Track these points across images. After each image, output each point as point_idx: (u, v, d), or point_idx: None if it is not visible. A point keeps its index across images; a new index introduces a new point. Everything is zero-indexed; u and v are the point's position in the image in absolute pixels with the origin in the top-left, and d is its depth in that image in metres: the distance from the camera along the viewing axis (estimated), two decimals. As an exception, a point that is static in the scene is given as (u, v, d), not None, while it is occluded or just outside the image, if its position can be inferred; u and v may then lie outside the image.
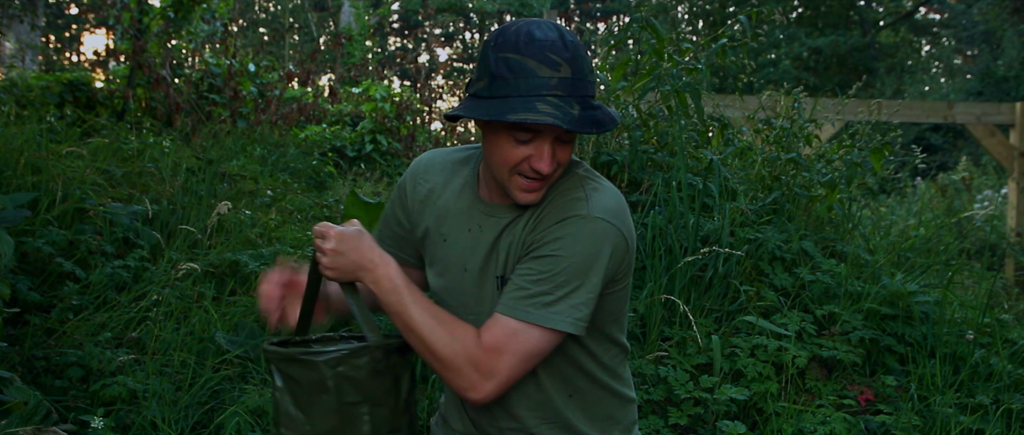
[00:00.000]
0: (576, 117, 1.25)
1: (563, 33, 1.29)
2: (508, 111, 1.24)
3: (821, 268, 2.97)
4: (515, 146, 1.30)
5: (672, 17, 18.83)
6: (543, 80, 1.25)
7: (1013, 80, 14.25)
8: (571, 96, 1.26)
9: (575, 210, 1.34)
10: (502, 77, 1.27)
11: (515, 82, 1.26)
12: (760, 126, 3.79)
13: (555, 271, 1.32)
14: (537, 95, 1.25)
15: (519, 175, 1.32)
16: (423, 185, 1.50)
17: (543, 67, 1.25)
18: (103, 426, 2.10)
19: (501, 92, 1.27)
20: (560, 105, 1.24)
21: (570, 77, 1.26)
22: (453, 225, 1.45)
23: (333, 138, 8.20)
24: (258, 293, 1.46)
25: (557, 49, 1.26)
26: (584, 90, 1.27)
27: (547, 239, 1.33)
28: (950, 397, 2.48)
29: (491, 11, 24.34)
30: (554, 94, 1.25)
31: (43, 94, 6.40)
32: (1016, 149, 6.42)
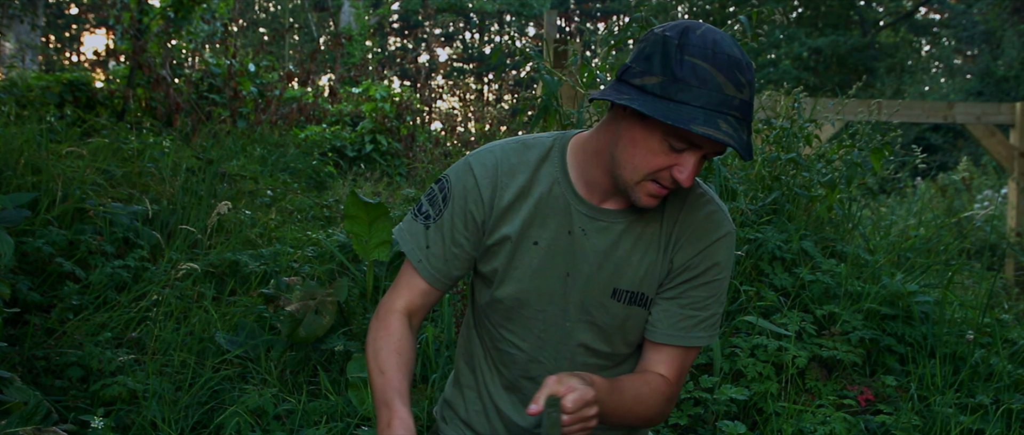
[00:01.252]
0: (746, 141, 1.23)
1: (744, 53, 1.26)
2: (691, 121, 1.19)
3: (821, 268, 2.97)
4: (665, 153, 1.25)
5: (672, 17, 18.83)
6: (728, 98, 1.21)
7: (1013, 80, 14.25)
8: (745, 119, 1.23)
9: (725, 226, 1.37)
10: (686, 82, 1.21)
11: (699, 91, 1.20)
12: (760, 126, 3.79)
13: (721, 292, 1.38)
14: (720, 112, 1.20)
15: (654, 181, 1.28)
16: (508, 189, 1.38)
17: (730, 85, 1.21)
18: (103, 426, 2.10)
19: (681, 97, 1.21)
20: (738, 128, 1.21)
21: (748, 101, 1.24)
22: (547, 228, 1.38)
23: (333, 138, 8.20)
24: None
25: (744, 70, 1.23)
26: (749, 114, 1.25)
27: (713, 262, 1.35)
28: (950, 397, 2.48)
29: (491, 11, 24.35)
30: (734, 115, 1.21)
31: (43, 94, 6.40)
32: (1016, 149, 6.42)
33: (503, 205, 1.38)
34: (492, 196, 1.38)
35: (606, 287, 1.38)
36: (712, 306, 1.38)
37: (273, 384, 2.58)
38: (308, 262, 3.50)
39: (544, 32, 4.41)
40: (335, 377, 2.63)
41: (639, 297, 1.39)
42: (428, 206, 1.40)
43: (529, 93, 6.94)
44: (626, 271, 1.37)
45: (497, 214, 1.38)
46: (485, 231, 1.40)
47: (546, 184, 1.37)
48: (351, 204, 2.91)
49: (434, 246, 1.40)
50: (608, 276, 1.37)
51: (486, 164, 1.39)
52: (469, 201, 1.38)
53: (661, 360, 1.39)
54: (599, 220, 1.36)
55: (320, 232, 4.06)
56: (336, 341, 2.68)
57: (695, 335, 1.37)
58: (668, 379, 1.38)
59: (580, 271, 1.37)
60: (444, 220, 1.39)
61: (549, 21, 4.41)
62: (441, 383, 2.47)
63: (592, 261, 1.37)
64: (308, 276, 3.27)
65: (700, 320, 1.37)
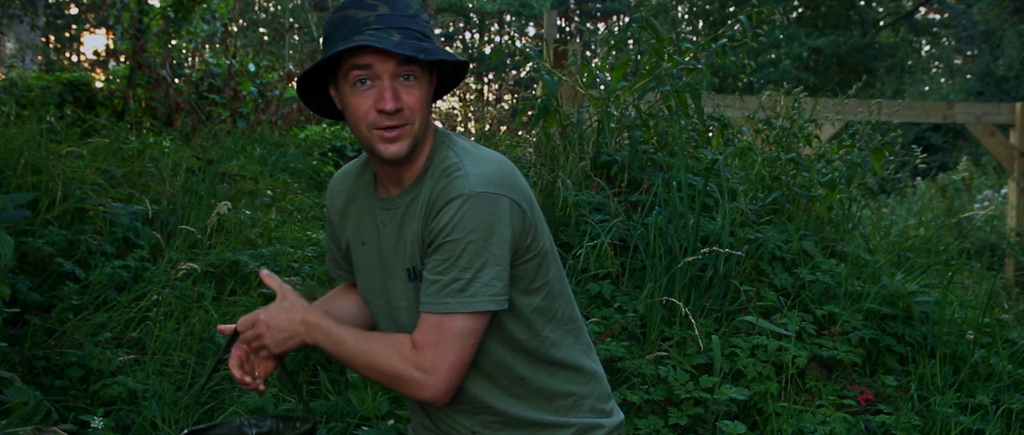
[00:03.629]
0: (395, 42, 1.28)
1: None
2: (328, 53, 1.30)
3: (821, 268, 2.97)
4: (359, 96, 1.32)
5: (672, 17, 18.82)
6: (358, 21, 1.30)
7: (1013, 80, 14.25)
8: (389, 28, 1.30)
9: (457, 190, 1.32)
10: (328, 35, 1.33)
11: (335, 32, 1.32)
12: (760, 126, 3.79)
13: (456, 255, 1.30)
14: (357, 32, 1.29)
15: (373, 127, 1.34)
16: (337, 199, 1.54)
17: (360, 11, 1.31)
18: (103, 426, 2.10)
19: (329, 46, 1.32)
20: (377, 33, 1.28)
21: (388, 13, 1.31)
22: (365, 228, 1.48)
23: (333, 138, 8.20)
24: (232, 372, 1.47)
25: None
26: (405, 24, 1.31)
27: (440, 225, 1.32)
28: (950, 397, 2.48)
29: (491, 11, 24.35)
30: (371, 28, 1.29)
31: (43, 94, 6.40)
32: (1016, 149, 6.41)
33: (338, 211, 1.54)
34: (331, 205, 1.56)
35: (401, 270, 1.43)
36: (451, 271, 1.31)
37: (273, 384, 2.58)
38: (308, 262, 3.50)
39: (544, 32, 4.41)
40: (335, 377, 2.63)
41: (415, 272, 1.40)
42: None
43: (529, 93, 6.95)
44: (409, 250, 1.40)
45: (337, 220, 1.55)
46: (339, 238, 1.56)
47: (363, 190, 1.50)
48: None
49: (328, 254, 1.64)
50: (402, 259, 1.42)
51: (334, 178, 1.58)
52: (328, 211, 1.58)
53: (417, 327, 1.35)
54: (388, 208, 1.43)
55: (320, 232, 4.06)
56: (336, 341, 2.68)
57: (439, 301, 1.31)
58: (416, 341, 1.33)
59: (387, 261, 1.44)
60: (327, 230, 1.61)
61: (549, 21, 4.41)
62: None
63: (391, 248, 1.43)
64: (308, 276, 3.27)
65: (442, 284, 1.31)
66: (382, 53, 1.29)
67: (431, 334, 1.32)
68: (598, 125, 3.48)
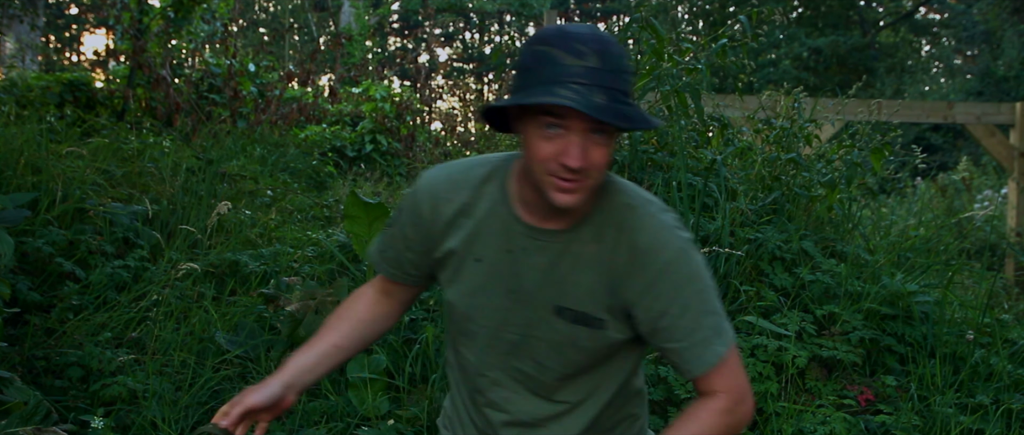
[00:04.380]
0: (598, 104, 1.19)
1: (598, 30, 1.25)
2: (526, 96, 1.21)
3: (821, 268, 2.97)
4: (545, 140, 1.25)
5: (672, 17, 18.83)
6: (566, 67, 1.21)
7: (1013, 80, 14.25)
8: (595, 84, 1.21)
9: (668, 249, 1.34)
10: (528, 67, 1.25)
11: (539, 70, 1.23)
12: (760, 126, 3.79)
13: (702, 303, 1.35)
14: (558, 81, 1.21)
15: (552, 175, 1.27)
16: (448, 205, 1.43)
17: (568, 56, 1.21)
18: (103, 426, 2.10)
19: (526, 83, 1.24)
20: (581, 90, 1.20)
21: (597, 67, 1.21)
22: (488, 246, 1.40)
23: (333, 138, 8.21)
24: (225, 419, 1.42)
25: (585, 40, 1.22)
26: (612, 82, 1.22)
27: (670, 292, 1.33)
28: (950, 397, 2.48)
29: (491, 11, 24.36)
30: (577, 82, 1.20)
31: (43, 94, 6.40)
32: (1016, 149, 6.41)
33: (444, 220, 1.43)
34: (432, 211, 1.44)
35: (549, 304, 1.39)
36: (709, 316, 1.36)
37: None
38: (308, 262, 3.50)
39: (544, 32, 4.41)
40: (335, 377, 2.63)
41: (583, 317, 1.39)
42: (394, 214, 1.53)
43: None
44: (569, 290, 1.37)
45: (439, 228, 1.44)
46: (429, 244, 1.46)
47: (488, 203, 1.40)
48: (351, 204, 2.91)
49: (388, 250, 1.52)
50: (551, 294, 1.38)
51: (437, 180, 1.45)
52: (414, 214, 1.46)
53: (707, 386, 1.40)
54: (537, 239, 1.37)
55: (320, 232, 4.06)
56: (336, 341, 2.68)
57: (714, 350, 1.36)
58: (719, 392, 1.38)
59: (523, 288, 1.39)
60: (395, 229, 1.50)
61: (549, 21, 4.41)
62: (441, 383, 2.47)
63: (533, 279, 1.38)
64: (308, 276, 3.27)
65: (706, 336, 1.36)
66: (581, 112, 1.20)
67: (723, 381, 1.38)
68: (598, 125, 3.47)
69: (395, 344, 2.65)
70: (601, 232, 1.36)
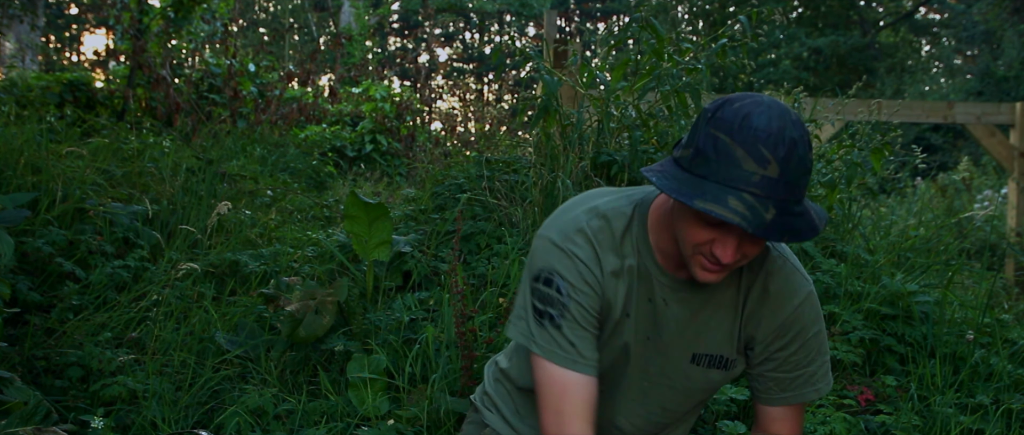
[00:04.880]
0: (767, 222, 1.14)
1: (787, 125, 1.16)
2: (698, 196, 1.15)
3: (821, 268, 2.97)
4: (702, 227, 1.22)
5: (672, 17, 18.82)
6: (745, 173, 1.15)
7: (1013, 80, 14.25)
8: (769, 198, 1.15)
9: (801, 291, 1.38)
10: (705, 155, 1.18)
11: (717, 166, 1.16)
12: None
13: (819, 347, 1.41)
14: (733, 187, 1.15)
15: (701, 255, 1.25)
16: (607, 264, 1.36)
17: (749, 160, 1.15)
18: (103, 426, 2.10)
19: (700, 171, 1.18)
20: (753, 205, 1.14)
21: (775, 178, 1.15)
22: (635, 296, 1.38)
23: (333, 138, 8.21)
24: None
25: (771, 143, 1.15)
26: (786, 194, 1.16)
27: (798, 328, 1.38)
28: (950, 397, 2.48)
29: (491, 11, 24.35)
30: (751, 192, 1.15)
31: (43, 94, 6.41)
32: (1016, 149, 6.41)
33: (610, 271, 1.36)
34: (600, 273, 1.35)
35: (685, 352, 1.41)
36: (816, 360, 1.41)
37: (273, 384, 2.58)
38: (308, 262, 3.50)
39: (544, 32, 4.41)
40: (335, 377, 2.63)
41: (718, 360, 1.42)
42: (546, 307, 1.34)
43: (529, 93, 6.95)
44: (705, 336, 1.40)
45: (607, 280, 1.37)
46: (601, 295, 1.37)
47: (632, 257, 1.36)
48: (351, 204, 2.91)
49: (579, 341, 1.34)
50: (688, 342, 1.40)
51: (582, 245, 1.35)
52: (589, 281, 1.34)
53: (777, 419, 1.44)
54: (679, 291, 1.37)
55: (320, 232, 4.06)
56: (336, 341, 2.68)
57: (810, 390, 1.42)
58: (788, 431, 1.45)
59: (660, 338, 1.40)
60: (573, 312, 1.33)
61: (549, 21, 4.41)
62: (441, 383, 2.47)
63: (672, 329, 1.39)
64: (308, 276, 3.27)
65: (810, 374, 1.41)
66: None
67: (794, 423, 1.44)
68: (598, 125, 3.48)
69: (395, 344, 2.65)
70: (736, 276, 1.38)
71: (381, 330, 2.75)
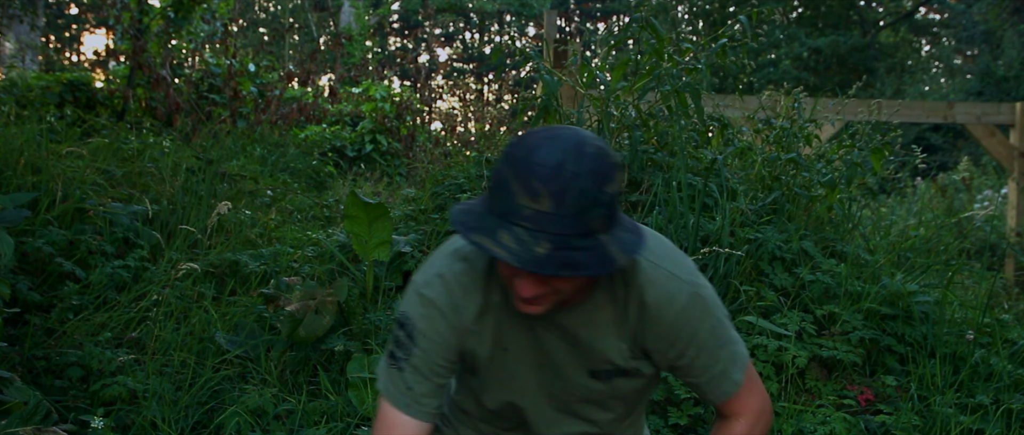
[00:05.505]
0: (537, 256, 1.11)
1: (568, 159, 1.13)
2: (474, 230, 1.15)
3: (821, 268, 2.97)
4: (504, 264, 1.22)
5: (672, 17, 18.82)
6: (517, 207, 1.13)
7: (1013, 80, 14.25)
8: (542, 232, 1.12)
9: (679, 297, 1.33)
10: (492, 189, 1.18)
11: (496, 199, 1.16)
12: (760, 126, 3.78)
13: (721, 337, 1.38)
14: (508, 221, 1.14)
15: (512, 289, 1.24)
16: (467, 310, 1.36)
17: (523, 193, 1.13)
18: (103, 426, 2.10)
19: (488, 205, 1.17)
20: (524, 239, 1.12)
21: (549, 212, 1.12)
22: (508, 334, 1.37)
23: (333, 138, 8.21)
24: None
25: (544, 177, 1.12)
26: (563, 228, 1.12)
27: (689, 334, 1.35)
28: (950, 397, 2.48)
29: (491, 11, 24.35)
30: (523, 225, 1.13)
31: (43, 94, 6.41)
32: (1016, 149, 6.41)
33: (468, 325, 1.36)
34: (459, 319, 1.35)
35: (582, 371, 1.39)
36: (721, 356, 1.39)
37: (273, 384, 2.58)
38: (308, 262, 3.50)
39: (544, 32, 4.41)
40: (335, 377, 2.63)
41: (619, 371, 1.40)
42: (396, 349, 1.38)
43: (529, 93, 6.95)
44: (595, 354, 1.37)
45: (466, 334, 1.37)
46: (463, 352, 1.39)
47: (498, 292, 1.36)
48: (351, 204, 2.91)
49: (418, 386, 1.37)
50: (581, 361, 1.38)
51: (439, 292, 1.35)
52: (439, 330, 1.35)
53: (728, 410, 1.45)
54: (551, 318, 1.35)
55: (320, 232, 4.06)
56: (336, 341, 2.68)
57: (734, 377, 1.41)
58: (739, 417, 1.44)
59: (553, 360, 1.39)
60: (416, 358, 1.36)
61: (549, 21, 4.41)
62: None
63: (560, 349, 1.38)
64: (308, 276, 3.27)
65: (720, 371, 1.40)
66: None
67: (743, 401, 1.43)
68: (598, 125, 3.48)
69: (395, 344, 2.65)
70: (613, 294, 1.34)
71: (381, 330, 2.75)
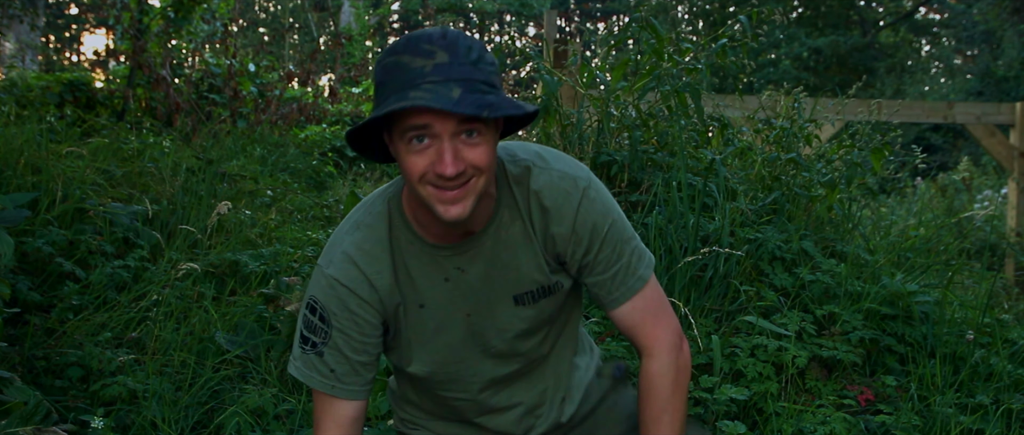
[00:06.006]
0: (454, 98, 1.12)
1: (448, 29, 1.19)
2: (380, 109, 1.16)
3: (821, 268, 2.97)
4: (416, 154, 1.18)
5: (672, 17, 18.83)
6: (414, 71, 1.15)
7: (1013, 80, 14.25)
8: (448, 80, 1.14)
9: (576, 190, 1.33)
10: (381, 83, 1.19)
11: (390, 83, 1.17)
12: (760, 126, 3.78)
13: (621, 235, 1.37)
14: (413, 85, 1.14)
15: (431, 185, 1.20)
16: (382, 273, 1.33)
17: (415, 58, 1.16)
18: (103, 426, 2.10)
19: (382, 96, 1.18)
20: (434, 89, 1.13)
21: (447, 62, 1.15)
22: (423, 286, 1.35)
23: (333, 138, 8.20)
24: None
25: (432, 39, 1.17)
26: (466, 74, 1.15)
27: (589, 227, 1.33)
28: (950, 397, 2.48)
29: (491, 11, 24.35)
30: (429, 80, 1.14)
31: (43, 94, 6.41)
32: (1016, 149, 6.41)
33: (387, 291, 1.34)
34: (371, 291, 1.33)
35: (507, 301, 1.37)
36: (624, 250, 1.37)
37: (273, 384, 2.58)
38: (308, 262, 3.50)
39: (544, 32, 4.41)
40: (335, 377, 2.63)
41: (540, 291, 1.38)
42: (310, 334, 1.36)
43: (529, 93, 6.95)
44: (515, 277, 1.36)
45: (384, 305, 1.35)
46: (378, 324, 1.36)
47: (404, 249, 1.34)
48: (351, 204, 2.91)
49: (339, 367, 1.36)
50: (503, 290, 1.36)
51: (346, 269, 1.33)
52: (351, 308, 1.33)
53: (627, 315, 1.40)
54: (465, 252, 1.33)
55: (320, 232, 4.06)
56: (336, 341, 2.68)
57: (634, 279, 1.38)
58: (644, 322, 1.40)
59: (478, 304, 1.37)
60: (335, 340, 1.34)
61: (549, 21, 4.41)
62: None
63: (482, 289, 1.36)
64: (308, 276, 3.27)
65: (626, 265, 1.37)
66: (440, 112, 1.14)
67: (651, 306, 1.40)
68: (598, 125, 3.48)
69: (395, 344, 2.65)
70: (515, 208, 1.33)
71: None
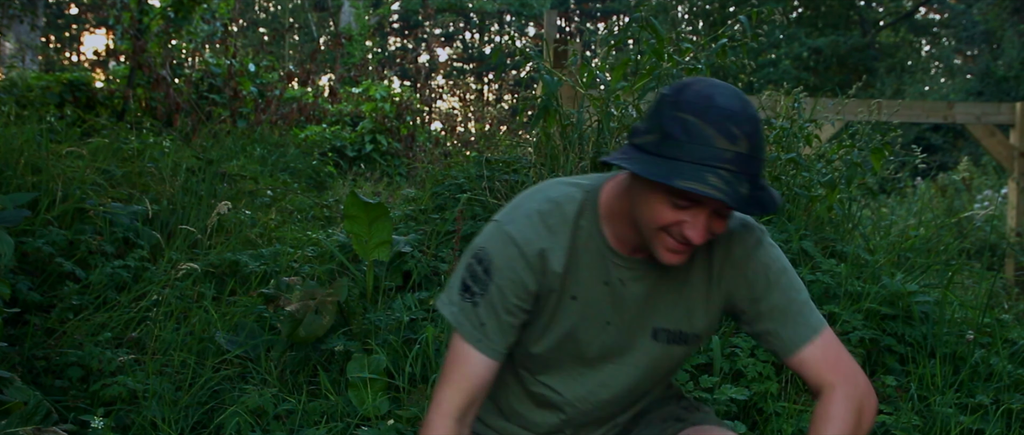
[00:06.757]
0: (745, 196, 1.19)
1: (746, 105, 1.23)
2: (676, 175, 1.18)
3: (821, 268, 2.97)
4: (671, 209, 1.25)
5: (672, 17, 18.82)
6: (718, 151, 1.19)
7: (1013, 80, 14.25)
8: (743, 173, 1.20)
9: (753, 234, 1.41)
10: (675, 138, 1.21)
11: (689, 146, 1.20)
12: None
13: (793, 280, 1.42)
14: (709, 165, 1.19)
15: (667, 235, 1.27)
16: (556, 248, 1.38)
17: (720, 138, 1.20)
18: (103, 426, 2.10)
19: (671, 153, 1.21)
20: (730, 180, 1.19)
21: (746, 154, 1.21)
22: (583, 281, 1.39)
23: (333, 138, 8.21)
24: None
25: (738, 121, 1.21)
26: (756, 169, 1.22)
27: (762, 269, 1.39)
28: (950, 397, 2.48)
29: (491, 11, 24.35)
30: (726, 168, 1.19)
31: (43, 94, 6.41)
32: (1016, 149, 6.41)
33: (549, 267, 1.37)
34: (540, 261, 1.37)
35: (646, 328, 1.41)
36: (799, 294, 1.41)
37: (273, 384, 2.58)
38: (308, 262, 3.50)
39: (544, 32, 4.41)
40: (335, 377, 2.63)
41: (677, 335, 1.43)
42: (471, 283, 1.38)
43: (529, 93, 6.95)
44: (665, 311, 1.41)
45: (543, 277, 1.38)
46: (539, 296, 1.40)
47: (583, 238, 1.38)
48: (351, 204, 2.91)
49: (490, 323, 1.38)
50: (648, 318, 1.41)
51: (524, 229, 1.37)
52: (517, 270, 1.36)
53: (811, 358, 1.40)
54: (636, 269, 1.38)
55: (320, 232, 4.06)
56: (336, 341, 2.68)
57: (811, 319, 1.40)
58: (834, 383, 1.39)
59: (621, 319, 1.41)
60: (491, 295, 1.37)
61: (549, 21, 4.40)
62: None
63: (631, 308, 1.40)
64: (308, 276, 3.27)
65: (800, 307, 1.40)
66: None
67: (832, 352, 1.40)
68: (598, 125, 3.48)
69: (395, 344, 2.65)
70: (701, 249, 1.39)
71: (381, 330, 2.75)
